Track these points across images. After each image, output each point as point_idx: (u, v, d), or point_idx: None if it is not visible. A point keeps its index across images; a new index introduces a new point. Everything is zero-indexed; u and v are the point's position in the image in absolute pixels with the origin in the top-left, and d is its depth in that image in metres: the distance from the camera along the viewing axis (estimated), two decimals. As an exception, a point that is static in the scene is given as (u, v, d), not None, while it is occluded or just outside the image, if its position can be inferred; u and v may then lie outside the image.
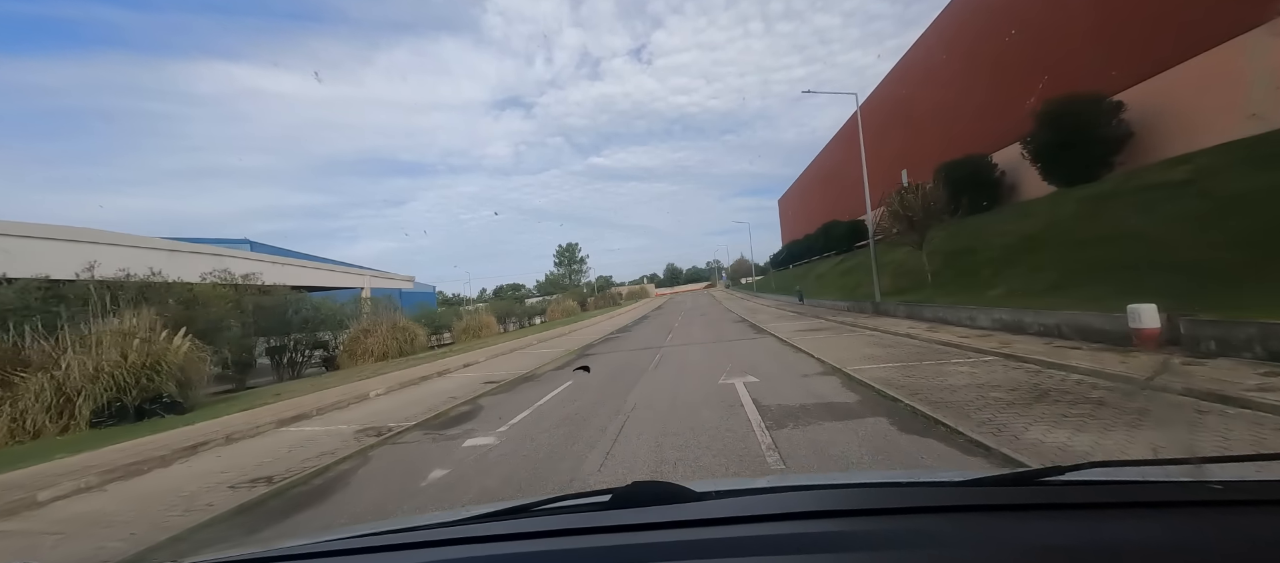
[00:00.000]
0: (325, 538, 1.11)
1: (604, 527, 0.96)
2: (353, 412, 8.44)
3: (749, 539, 0.84)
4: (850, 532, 0.83)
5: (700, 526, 0.90)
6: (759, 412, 5.63)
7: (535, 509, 1.12)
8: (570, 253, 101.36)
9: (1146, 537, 0.74)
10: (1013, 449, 3.71)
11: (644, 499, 1.01)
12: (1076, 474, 0.93)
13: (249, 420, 7.89)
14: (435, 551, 0.98)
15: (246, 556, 1.07)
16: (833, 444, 4.35)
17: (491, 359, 14.72)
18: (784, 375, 7.79)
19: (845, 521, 0.88)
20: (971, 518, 0.85)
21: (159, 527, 3.95)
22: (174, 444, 6.55)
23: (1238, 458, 0.96)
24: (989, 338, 8.88)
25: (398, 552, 1.01)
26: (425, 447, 5.81)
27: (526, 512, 1.11)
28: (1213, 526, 0.75)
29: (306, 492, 4.66)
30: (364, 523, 1.33)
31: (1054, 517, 0.83)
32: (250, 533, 3.85)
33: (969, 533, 0.80)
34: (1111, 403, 4.62)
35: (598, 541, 0.91)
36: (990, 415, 4.60)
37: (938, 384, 6.02)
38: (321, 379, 15.03)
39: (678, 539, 0.87)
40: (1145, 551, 0.71)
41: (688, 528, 0.89)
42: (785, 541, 0.82)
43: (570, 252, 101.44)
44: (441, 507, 3.80)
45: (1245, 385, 4.57)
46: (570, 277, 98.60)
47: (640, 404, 6.65)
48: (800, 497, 1.09)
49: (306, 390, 11.53)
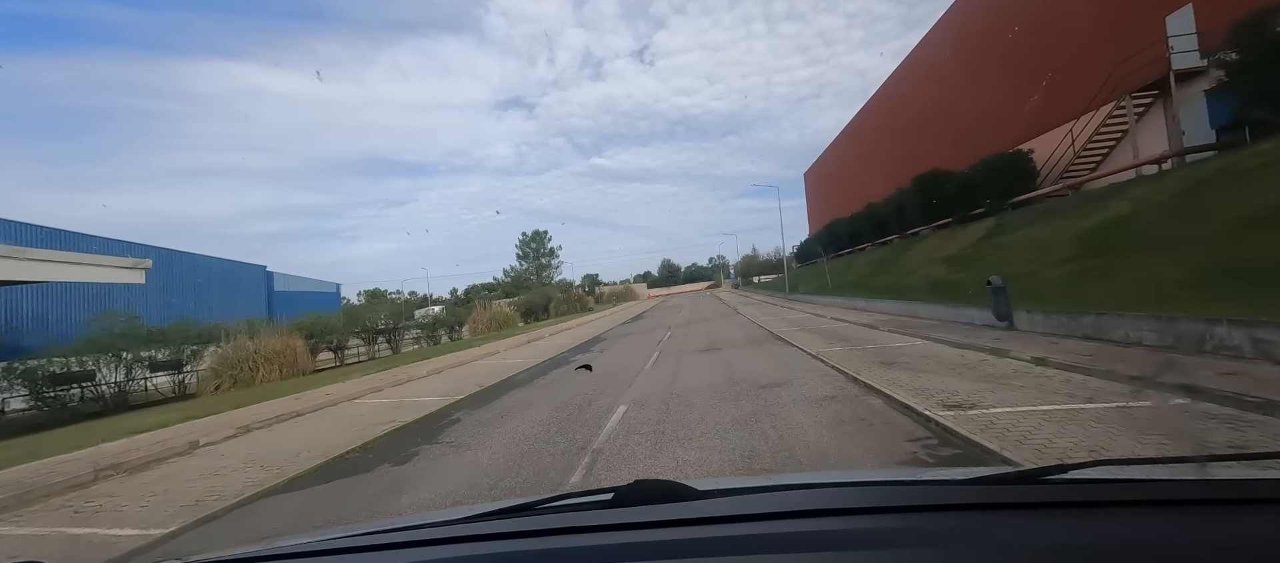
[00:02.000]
0: (325, 537, 1.11)
1: (605, 525, 0.96)
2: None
3: (751, 538, 0.84)
4: (852, 530, 0.84)
5: (702, 524, 0.90)
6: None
7: (537, 508, 1.13)
8: (537, 243, 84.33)
9: (1149, 536, 0.74)
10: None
11: (646, 498, 1.02)
12: (1079, 473, 0.94)
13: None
14: (435, 549, 0.98)
15: (246, 555, 1.07)
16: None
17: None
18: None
19: (847, 519, 0.88)
20: (972, 517, 0.85)
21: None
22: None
23: (1241, 457, 0.98)
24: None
25: (398, 551, 1.01)
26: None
27: (528, 510, 1.12)
28: (1217, 525, 0.75)
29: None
30: (364, 523, 1.31)
31: (1056, 516, 0.83)
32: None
33: (970, 532, 0.80)
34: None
35: (599, 539, 0.91)
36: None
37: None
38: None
39: (679, 538, 0.87)
40: (1148, 550, 0.71)
41: (689, 526, 0.90)
42: (787, 539, 0.82)
43: (537, 242, 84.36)
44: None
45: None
46: (538, 273, 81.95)
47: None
48: (802, 495, 1.09)
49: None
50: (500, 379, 12.36)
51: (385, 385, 12.87)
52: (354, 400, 11.15)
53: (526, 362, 15.48)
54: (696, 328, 20.85)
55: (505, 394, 10.30)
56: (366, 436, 7.71)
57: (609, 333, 23.29)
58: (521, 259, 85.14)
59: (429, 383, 12.96)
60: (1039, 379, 6.83)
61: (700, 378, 9.50)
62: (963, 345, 9.77)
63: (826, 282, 29.98)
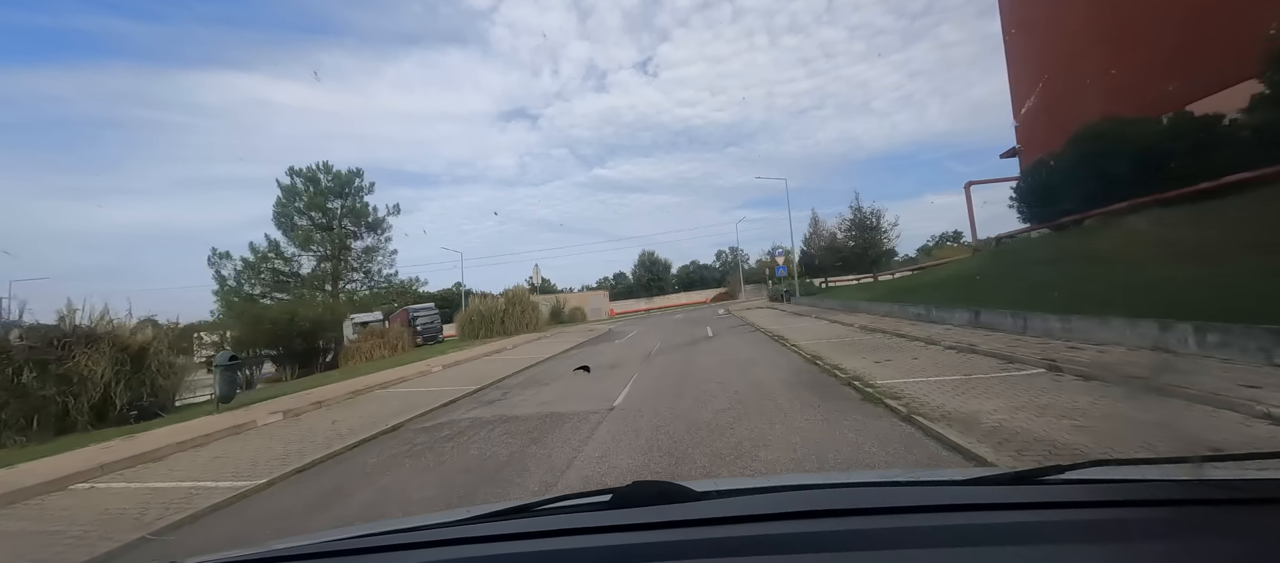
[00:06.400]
0: (325, 538, 1.11)
1: (604, 526, 0.96)
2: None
3: (749, 539, 0.84)
4: (850, 531, 0.83)
5: (701, 525, 0.90)
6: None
7: (536, 509, 1.12)
8: (343, 190, 34.28)
9: (1146, 536, 0.75)
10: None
11: (644, 499, 1.02)
12: (1075, 473, 0.95)
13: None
14: (435, 551, 0.98)
15: (246, 555, 1.06)
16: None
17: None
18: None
19: (845, 520, 0.88)
20: (971, 517, 0.85)
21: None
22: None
23: (1237, 457, 1.00)
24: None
25: (397, 552, 1.00)
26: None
27: (527, 512, 1.11)
28: (1213, 525, 0.76)
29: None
30: (363, 523, 1.28)
31: (1054, 516, 0.83)
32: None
33: (968, 533, 0.80)
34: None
35: (598, 540, 0.91)
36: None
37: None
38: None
39: (678, 539, 0.87)
40: (1145, 550, 0.72)
41: (688, 527, 0.89)
42: (786, 540, 0.82)
43: (342, 186, 34.25)
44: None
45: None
46: (335, 253, 33.86)
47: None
48: (800, 496, 1.09)
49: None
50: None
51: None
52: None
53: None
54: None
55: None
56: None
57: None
58: (296, 220, 33.47)
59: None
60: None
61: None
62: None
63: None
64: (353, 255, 34.96)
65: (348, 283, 34.84)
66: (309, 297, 29.56)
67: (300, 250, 33.07)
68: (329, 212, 33.77)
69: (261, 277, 32.03)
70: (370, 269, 35.76)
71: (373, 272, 35.88)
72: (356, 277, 35.51)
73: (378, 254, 35.77)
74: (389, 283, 36.44)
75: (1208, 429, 4.06)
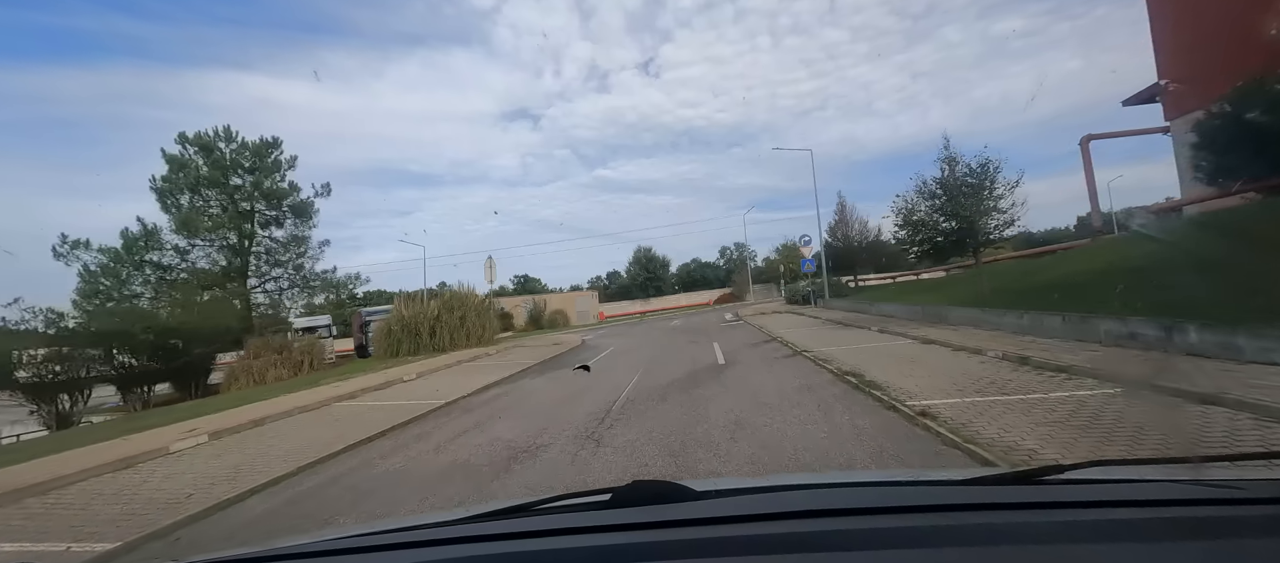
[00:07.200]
0: (325, 538, 1.11)
1: (604, 526, 0.96)
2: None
3: (749, 538, 0.84)
4: (850, 531, 0.83)
5: (700, 525, 0.89)
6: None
7: (535, 509, 1.12)
8: (253, 164, 26.11)
9: (1147, 536, 0.74)
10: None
11: (644, 498, 1.01)
12: (1075, 473, 0.94)
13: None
14: (435, 550, 0.98)
15: (246, 555, 1.07)
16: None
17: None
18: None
19: (845, 520, 0.88)
20: (971, 517, 0.85)
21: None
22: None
23: (1238, 457, 0.99)
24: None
25: (397, 552, 1.01)
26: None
27: (526, 511, 1.11)
28: (1213, 525, 0.76)
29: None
30: (364, 523, 1.22)
31: (1054, 516, 0.83)
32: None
33: (969, 532, 0.80)
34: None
35: (597, 540, 0.90)
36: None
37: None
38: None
39: (678, 538, 0.86)
40: (1146, 550, 0.71)
41: (688, 527, 0.89)
42: (785, 540, 0.82)
43: (254, 159, 26.13)
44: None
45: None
46: (244, 256, 26.32)
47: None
48: (800, 496, 1.09)
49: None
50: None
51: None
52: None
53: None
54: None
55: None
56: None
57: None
58: (181, 200, 25.43)
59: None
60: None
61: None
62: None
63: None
64: (270, 247, 27.38)
65: (266, 281, 27.70)
66: (193, 299, 23.25)
67: (188, 239, 25.09)
68: (231, 190, 25.72)
69: (143, 272, 24.76)
70: (300, 264, 28.02)
71: (304, 268, 28.17)
72: (276, 274, 27.77)
73: (301, 247, 27.78)
74: (322, 281, 28.95)
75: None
